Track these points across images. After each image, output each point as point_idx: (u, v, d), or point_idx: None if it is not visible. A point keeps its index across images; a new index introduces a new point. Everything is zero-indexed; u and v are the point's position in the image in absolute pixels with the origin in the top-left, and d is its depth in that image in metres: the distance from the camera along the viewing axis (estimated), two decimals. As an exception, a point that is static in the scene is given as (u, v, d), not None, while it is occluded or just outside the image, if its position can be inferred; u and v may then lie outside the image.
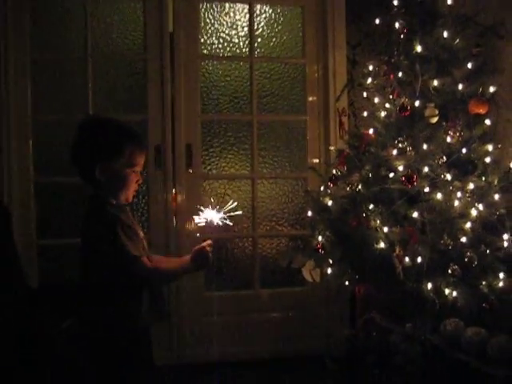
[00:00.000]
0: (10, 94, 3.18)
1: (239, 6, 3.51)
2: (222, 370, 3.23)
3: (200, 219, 1.97)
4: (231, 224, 2.00)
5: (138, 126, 3.33)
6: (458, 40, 2.72)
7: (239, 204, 3.44)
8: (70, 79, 3.34)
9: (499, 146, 2.70)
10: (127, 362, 1.91)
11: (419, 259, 2.43)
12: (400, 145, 2.62)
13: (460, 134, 2.63)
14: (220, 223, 1.98)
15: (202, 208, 1.98)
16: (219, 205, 1.99)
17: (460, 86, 2.67)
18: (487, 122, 2.68)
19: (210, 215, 1.97)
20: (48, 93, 3.32)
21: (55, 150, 3.32)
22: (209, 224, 1.96)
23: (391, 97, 2.79)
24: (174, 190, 3.36)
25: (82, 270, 1.96)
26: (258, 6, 3.52)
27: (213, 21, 3.49)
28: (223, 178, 3.50)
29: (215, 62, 3.51)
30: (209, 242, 1.98)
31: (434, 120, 2.66)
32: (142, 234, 2.00)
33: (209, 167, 3.48)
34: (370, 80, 2.92)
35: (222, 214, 1.98)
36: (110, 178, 1.91)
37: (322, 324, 3.40)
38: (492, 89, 2.69)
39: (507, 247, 2.50)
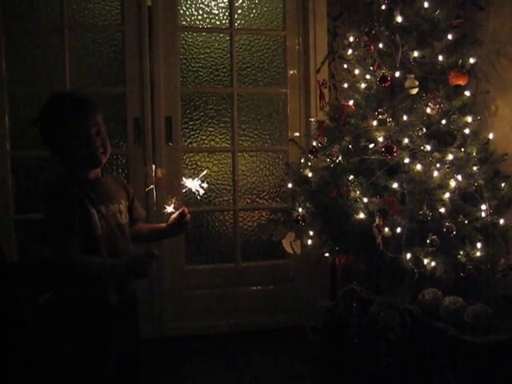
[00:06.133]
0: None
1: (219, -24, 3.46)
2: (204, 343, 3.26)
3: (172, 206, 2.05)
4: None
5: (116, 99, 3.31)
6: (438, 11, 2.71)
7: (220, 177, 3.49)
8: (47, 51, 3.27)
9: (478, 117, 2.71)
10: (102, 337, 1.91)
11: (398, 229, 2.45)
12: (380, 116, 2.62)
13: (440, 105, 2.63)
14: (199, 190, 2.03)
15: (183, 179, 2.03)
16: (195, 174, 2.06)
17: (440, 58, 2.68)
18: (467, 93, 2.69)
19: (189, 185, 2.02)
20: (24, 65, 3.24)
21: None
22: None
23: (371, 68, 2.78)
24: (153, 165, 3.33)
25: None
26: (238, -23, 3.47)
27: (192, -9, 3.43)
28: (203, 151, 3.48)
29: (195, 34, 3.45)
30: (184, 209, 2.03)
31: (414, 91, 2.66)
32: (116, 206, 1.98)
33: (189, 140, 3.45)
34: (350, 51, 2.91)
35: (198, 181, 2.03)
36: (70, 151, 1.88)
37: (302, 296, 3.43)
38: (472, 60, 2.70)
39: (485, 217, 2.53)
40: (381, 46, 2.75)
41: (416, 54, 2.68)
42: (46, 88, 3.24)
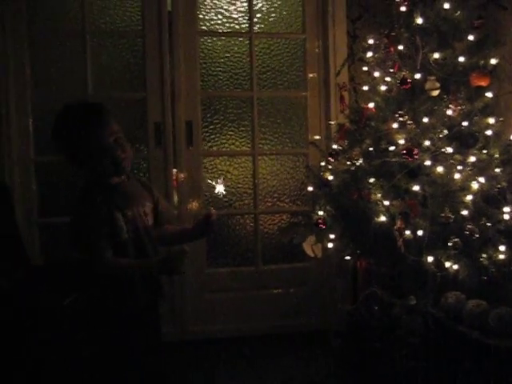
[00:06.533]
0: (9, 71, 3.17)
1: (238, -20, 3.47)
2: (225, 346, 3.26)
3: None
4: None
5: (137, 104, 3.34)
6: (459, 12, 2.68)
7: (240, 180, 3.51)
8: (69, 56, 3.31)
9: (501, 118, 2.68)
10: (126, 341, 1.93)
11: (420, 232, 2.42)
12: (400, 118, 2.59)
13: (461, 106, 2.60)
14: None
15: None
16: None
17: (461, 59, 2.65)
18: (489, 94, 2.65)
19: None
20: (46, 70, 3.29)
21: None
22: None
23: (392, 70, 2.76)
24: (174, 169, 3.36)
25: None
26: (257, -19, 3.48)
27: (211, -4, 3.45)
28: (224, 155, 3.49)
29: (214, 39, 3.48)
30: (213, 211, 2.03)
31: (435, 93, 2.64)
32: (140, 209, 2.00)
33: (209, 144, 3.47)
34: (370, 54, 2.89)
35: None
36: (92, 164, 1.90)
37: (323, 299, 3.42)
38: (494, 61, 2.66)
39: (508, 220, 2.50)
40: (401, 47, 2.73)
41: (437, 55, 2.65)
42: (68, 93, 3.29)
